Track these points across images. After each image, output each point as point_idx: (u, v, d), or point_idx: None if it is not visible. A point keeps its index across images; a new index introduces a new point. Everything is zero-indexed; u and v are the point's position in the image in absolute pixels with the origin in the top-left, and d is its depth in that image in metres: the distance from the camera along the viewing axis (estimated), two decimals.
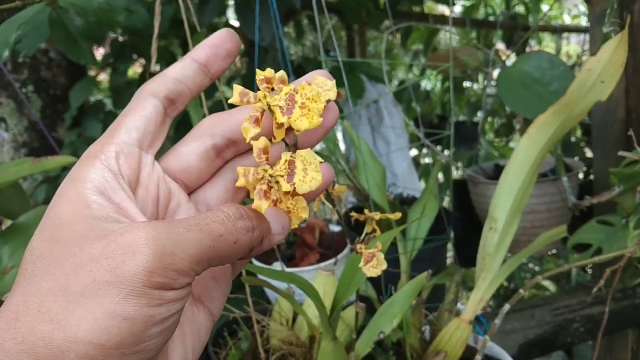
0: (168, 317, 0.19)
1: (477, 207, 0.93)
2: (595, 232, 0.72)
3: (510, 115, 2.06)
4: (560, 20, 2.69)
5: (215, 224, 0.21)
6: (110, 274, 0.18)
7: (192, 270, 0.20)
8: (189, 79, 0.25)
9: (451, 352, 0.54)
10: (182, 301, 0.20)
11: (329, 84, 0.24)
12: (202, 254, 0.20)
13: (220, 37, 0.25)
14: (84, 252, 0.19)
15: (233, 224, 0.21)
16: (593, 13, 0.80)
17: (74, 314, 0.18)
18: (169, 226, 0.20)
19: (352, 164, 0.85)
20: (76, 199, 0.21)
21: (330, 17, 1.37)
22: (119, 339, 0.18)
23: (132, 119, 0.24)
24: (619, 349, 0.86)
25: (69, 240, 0.20)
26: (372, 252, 0.33)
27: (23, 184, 1.09)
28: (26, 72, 1.15)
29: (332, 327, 0.42)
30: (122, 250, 0.19)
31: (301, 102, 0.22)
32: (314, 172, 0.23)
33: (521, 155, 0.60)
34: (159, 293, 0.19)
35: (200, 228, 0.20)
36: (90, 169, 0.22)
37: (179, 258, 0.19)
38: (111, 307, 0.18)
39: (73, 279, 0.18)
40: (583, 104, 0.56)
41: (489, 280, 0.58)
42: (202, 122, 0.25)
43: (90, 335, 0.18)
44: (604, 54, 0.55)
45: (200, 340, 0.25)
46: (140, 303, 0.18)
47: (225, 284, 0.26)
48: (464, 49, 0.86)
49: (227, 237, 0.21)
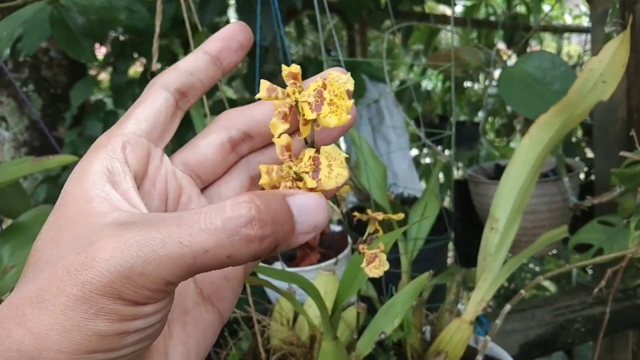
0: (145, 328, 0.18)
1: (478, 206, 0.93)
2: (596, 232, 0.72)
3: (511, 115, 2.06)
4: (561, 20, 2.69)
5: (204, 233, 0.18)
6: (79, 288, 0.17)
7: (169, 286, 0.18)
8: (200, 71, 0.25)
9: (452, 352, 0.54)
10: (161, 312, 0.19)
11: (344, 78, 0.23)
12: (181, 272, 0.18)
13: (232, 30, 0.25)
14: (63, 258, 0.18)
15: (229, 234, 0.18)
16: (594, 13, 0.80)
17: (44, 321, 0.17)
18: (142, 237, 0.18)
19: (353, 164, 0.84)
20: (79, 194, 0.20)
21: (331, 17, 1.37)
22: (90, 349, 0.17)
23: (142, 109, 0.24)
24: (620, 350, 0.86)
25: (65, 243, 0.19)
26: (374, 253, 0.33)
27: (23, 183, 1.09)
28: (27, 71, 1.15)
29: (333, 327, 0.41)
30: (89, 264, 0.17)
31: (329, 99, 0.22)
32: (339, 168, 0.22)
33: (522, 155, 0.60)
34: (131, 310, 0.17)
35: (180, 241, 0.17)
36: (95, 159, 0.22)
37: (150, 278, 0.17)
38: (81, 322, 0.17)
39: (47, 286, 0.18)
40: (584, 104, 0.56)
41: (489, 280, 0.58)
42: (220, 116, 0.25)
43: (61, 345, 0.17)
44: (605, 53, 0.54)
45: (205, 342, 0.24)
46: (112, 319, 0.17)
47: (237, 283, 0.25)
48: (465, 49, 0.85)
49: (216, 252, 0.18)
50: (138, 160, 0.22)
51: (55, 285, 0.17)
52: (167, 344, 0.22)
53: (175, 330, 0.23)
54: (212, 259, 0.18)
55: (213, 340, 0.25)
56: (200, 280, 0.24)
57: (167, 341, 0.23)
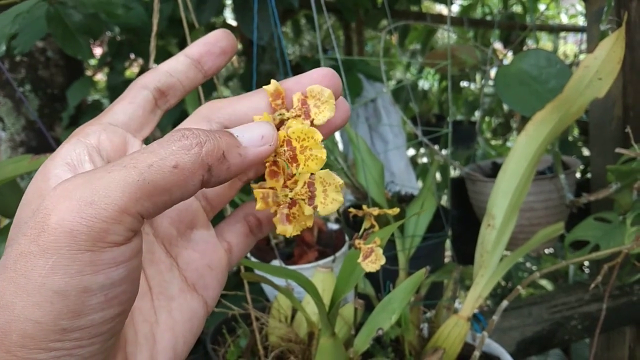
0: (110, 287, 0.17)
1: (475, 204, 0.93)
2: (592, 229, 0.72)
3: (508, 114, 2.06)
4: (557, 19, 2.70)
5: (144, 154, 0.18)
6: (33, 243, 0.16)
7: (126, 215, 0.17)
8: (180, 72, 0.25)
9: (449, 348, 0.55)
10: (126, 265, 0.18)
11: (325, 95, 0.23)
12: (131, 192, 0.17)
13: (214, 36, 0.26)
14: (21, 229, 0.18)
15: (166, 147, 0.18)
16: (590, 11, 0.81)
17: (9, 290, 0.17)
18: (88, 174, 0.17)
19: (350, 162, 0.85)
20: (40, 177, 0.21)
21: (328, 16, 1.37)
22: (54, 314, 0.16)
23: (120, 105, 0.24)
24: (616, 346, 0.86)
25: (24, 219, 0.20)
26: (370, 247, 0.33)
27: (20, 182, 1.08)
28: (23, 71, 1.15)
29: (330, 323, 0.42)
30: (41, 215, 0.17)
31: (314, 103, 0.23)
32: (334, 193, 0.23)
33: (519, 152, 0.60)
34: (90, 256, 0.17)
35: (124, 165, 0.17)
36: (64, 145, 0.22)
37: (102, 205, 0.16)
38: (39, 281, 0.16)
39: (7, 255, 0.17)
40: (580, 101, 0.56)
41: (486, 277, 0.58)
42: (200, 109, 0.25)
43: (25, 311, 0.16)
44: (601, 50, 0.55)
45: (192, 330, 0.24)
46: (69, 273, 0.16)
47: (220, 272, 0.26)
48: (462, 47, 0.86)
49: (160, 164, 0.18)
50: (113, 146, 0.23)
51: (15, 251, 0.17)
52: (155, 331, 0.23)
53: (161, 317, 0.23)
54: (159, 172, 0.18)
55: (199, 328, 0.25)
56: (184, 268, 0.25)
57: (155, 328, 0.23)
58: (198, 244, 0.26)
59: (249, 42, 1.33)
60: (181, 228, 0.26)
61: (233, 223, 0.28)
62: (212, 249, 0.26)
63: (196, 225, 0.26)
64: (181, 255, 0.25)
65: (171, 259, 0.25)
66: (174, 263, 0.25)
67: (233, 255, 0.27)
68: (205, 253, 0.26)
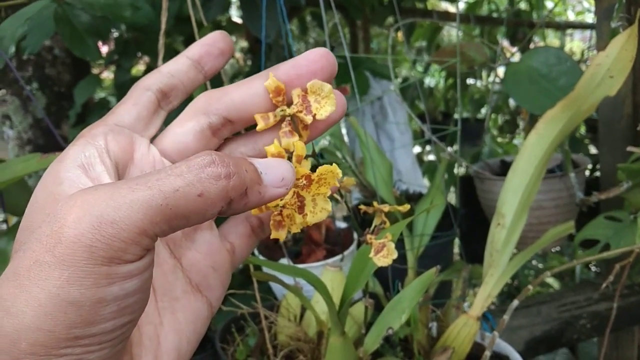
0: (123, 297, 0.17)
1: (483, 203, 0.92)
2: (603, 227, 0.71)
3: (514, 112, 2.05)
4: (564, 16, 2.68)
5: (171, 177, 0.17)
6: (49, 253, 0.16)
7: (144, 237, 0.17)
8: (181, 73, 0.26)
9: (458, 348, 0.54)
10: (139, 277, 0.18)
11: (325, 89, 0.23)
12: (153, 216, 0.17)
13: (212, 37, 0.26)
14: (35, 233, 0.17)
15: (195, 173, 0.18)
16: (600, 8, 0.80)
17: (20, 298, 0.16)
18: (110, 188, 0.17)
19: (358, 160, 0.84)
20: (50, 179, 0.21)
21: (335, 13, 1.37)
22: (66, 323, 0.16)
23: (124, 106, 0.25)
24: (625, 346, 0.86)
25: (37, 224, 0.19)
26: (382, 242, 0.33)
27: (28, 180, 1.09)
28: (30, 69, 1.15)
29: (340, 322, 0.41)
30: (58, 224, 0.17)
31: (314, 99, 0.23)
32: (323, 202, 0.24)
33: (529, 150, 0.59)
34: (106, 270, 0.17)
35: (149, 185, 0.17)
36: (71, 147, 0.22)
37: (122, 226, 0.16)
38: (53, 291, 0.16)
39: (20, 261, 0.17)
40: (591, 99, 0.56)
41: (496, 276, 0.57)
42: (196, 101, 0.25)
43: (37, 321, 0.16)
44: (612, 48, 0.54)
45: (196, 331, 0.24)
46: (85, 285, 0.16)
47: (224, 273, 0.26)
48: (470, 45, 0.85)
49: (186, 191, 0.17)
50: (121, 147, 0.23)
51: (29, 258, 0.17)
52: (159, 332, 0.23)
53: (166, 318, 0.23)
54: (183, 199, 0.17)
55: (203, 329, 0.25)
56: (188, 269, 0.25)
57: (159, 329, 0.23)
58: (202, 245, 0.26)
59: (255, 40, 1.33)
60: (186, 229, 0.26)
61: (235, 224, 0.28)
62: (215, 250, 0.26)
63: (200, 226, 0.26)
64: (185, 256, 0.25)
65: (175, 260, 0.25)
66: (177, 264, 0.25)
67: (236, 256, 0.27)
68: (208, 254, 0.26)
